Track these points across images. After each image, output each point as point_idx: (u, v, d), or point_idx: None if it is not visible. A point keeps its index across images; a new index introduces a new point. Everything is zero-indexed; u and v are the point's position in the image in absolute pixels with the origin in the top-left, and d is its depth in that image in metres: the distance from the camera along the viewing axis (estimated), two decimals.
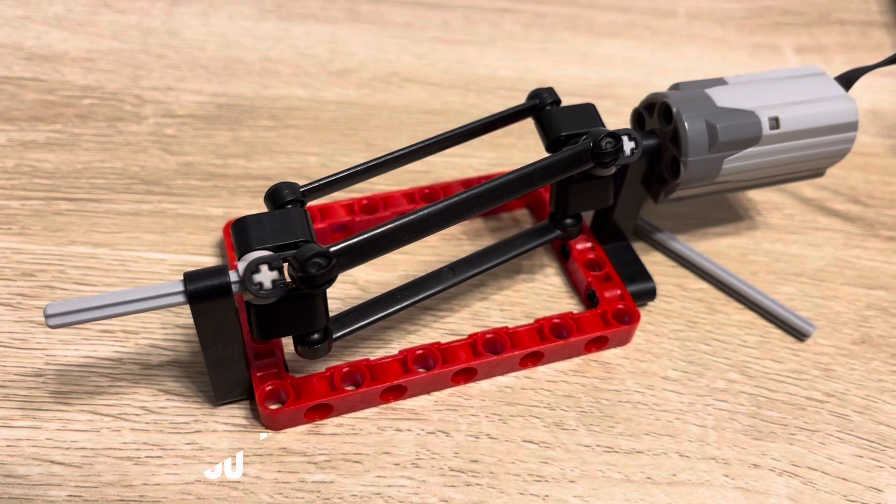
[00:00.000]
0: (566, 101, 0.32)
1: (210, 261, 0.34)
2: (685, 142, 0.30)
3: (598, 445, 0.30)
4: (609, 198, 0.32)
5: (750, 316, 0.35)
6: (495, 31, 0.51)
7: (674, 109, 0.31)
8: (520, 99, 0.45)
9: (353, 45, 0.48)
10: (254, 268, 0.23)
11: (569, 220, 0.32)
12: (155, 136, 0.40)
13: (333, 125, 0.43)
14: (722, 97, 0.31)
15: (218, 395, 0.29)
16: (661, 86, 0.34)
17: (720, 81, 0.32)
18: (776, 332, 0.34)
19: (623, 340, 0.33)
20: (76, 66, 0.44)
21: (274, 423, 0.29)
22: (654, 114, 0.32)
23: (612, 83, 0.48)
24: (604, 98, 0.31)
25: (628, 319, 0.32)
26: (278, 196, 0.27)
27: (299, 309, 0.25)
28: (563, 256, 0.36)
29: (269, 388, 0.28)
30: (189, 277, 0.24)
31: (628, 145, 0.29)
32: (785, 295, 0.36)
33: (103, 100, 0.42)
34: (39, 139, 0.39)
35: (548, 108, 0.31)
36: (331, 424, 0.29)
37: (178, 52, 0.46)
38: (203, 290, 0.24)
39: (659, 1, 0.56)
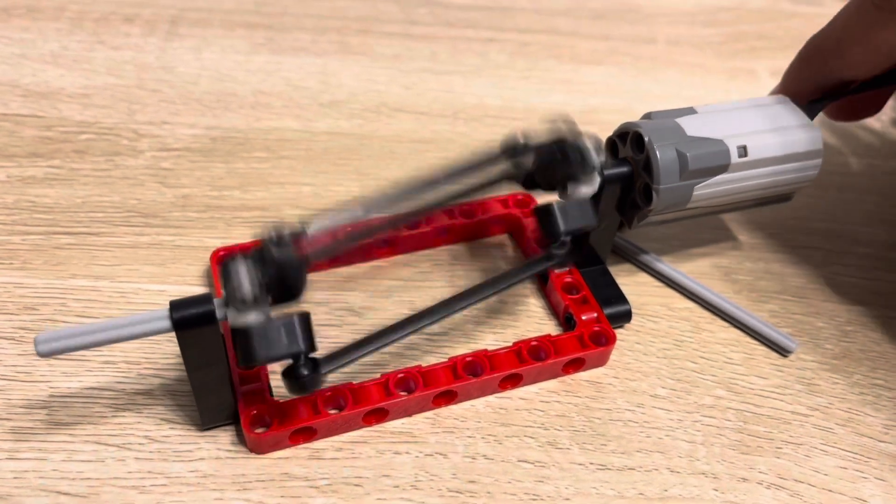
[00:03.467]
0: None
1: (208, 291, 0.35)
2: (657, 170, 0.31)
3: (591, 463, 0.30)
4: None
5: (735, 333, 0.36)
6: (481, 60, 0.53)
7: (645, 139, 0.32)
8: (507, 127, 0.47)
9: (344, 76, 0.49)
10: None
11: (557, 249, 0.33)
12: (151, 170, 0.41)
13: (326, 155, 0.44)
14: (692, 126, 0.32)
15: (204, 420, 0.29)
16: (642, 111, 0.35)
17: (690, 111, 0.34)
18: (760, 349, 0.36)
19: (599, 361, 0.34)
20: (73, 102, 0.45)
21: (258, 447, 0.29)
22: (627, 142, 0.33)
23: (594, 109, 0.49)
24: (587, 124, 0.32)
25: (604, 341, 0.33)
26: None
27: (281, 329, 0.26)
28: (541, 280, 0.37)
29: (254, 412, 0.29)
30: (175, 306, 0.25)
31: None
32: (768, 312, 0.37)
33: (100, 135, 0.43)
34: (38, 175, 0.40)
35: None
36: (331, 449, 0.30)
37: (173, 87, 0.47)
38: (188, 318, 0.25)
39: (639, 28, 0.58)
